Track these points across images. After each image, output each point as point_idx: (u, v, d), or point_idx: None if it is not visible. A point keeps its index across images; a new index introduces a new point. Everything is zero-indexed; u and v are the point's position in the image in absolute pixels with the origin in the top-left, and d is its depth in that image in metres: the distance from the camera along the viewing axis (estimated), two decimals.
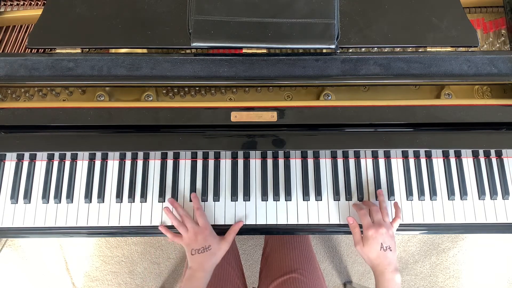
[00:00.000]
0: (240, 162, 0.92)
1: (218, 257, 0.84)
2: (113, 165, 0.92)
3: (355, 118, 0.84)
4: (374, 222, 0.81)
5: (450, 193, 0.90)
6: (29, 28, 0.98)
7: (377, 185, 0.91)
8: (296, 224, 0.89)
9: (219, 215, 0.89)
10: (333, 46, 0.80)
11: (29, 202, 0.90)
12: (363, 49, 0.90)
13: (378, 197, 0.89)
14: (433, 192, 0.90)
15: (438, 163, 0.93)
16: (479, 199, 0.91)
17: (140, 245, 1.70)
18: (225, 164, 0.92)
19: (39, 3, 0.99)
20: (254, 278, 1.67)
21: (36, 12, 0.97)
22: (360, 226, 0.84)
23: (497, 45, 0.98)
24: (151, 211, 0.90)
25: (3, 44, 0.97)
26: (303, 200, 0.90)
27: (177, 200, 0.90)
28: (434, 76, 0.84)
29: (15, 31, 0.98)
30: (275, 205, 0.90)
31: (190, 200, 0.90)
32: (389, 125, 0.85)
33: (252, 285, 1.58)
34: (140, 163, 0.92)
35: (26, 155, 0.91)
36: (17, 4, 0.99)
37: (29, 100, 0.93)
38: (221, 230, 0.89)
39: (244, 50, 0.84)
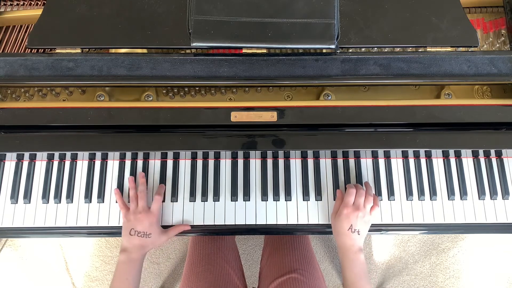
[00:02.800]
0: (240, 162, 0.92)
1: (153, 246, 0.84)
2: (113, 165, 0.92)
3: (355, 118, 0.84)
4: (354, 204, 0.82)
5: (450, 193, 0.90)
6: (29, 28, 0.98)
7: (377, 185, 0.91)
8: (296, 224, 0.89)
9: (219, 215, 0.89)
10: (333, 46, 0.80)
11: (29, 202, 0.90)
12: (363, 49, 0.90)
13: (365, 186, 0.88)
14: (433, 192, 0.90)
15: (438, 163, 0.93)
16: (479, 199, 0.91)
17: None
18: (225, 164, 0.92)
19: (39, 3, 0.99)
20: (254, 278, 1.67)
21: (36, 12, 0.97)
22: None
23: (497, 45, 0.98)
24: None
25: (3, 44, 0.97)
26: (303, 200, 0.90)
27: (176, 201, 0.90)
28: (434, 76, 0.84)
29: (15, 31, 0.98)
30: (275, 205, 0.90)
31: (190, 201, 0.89)
32: (389, 125, 0.85)
33: (252, 285, 1.58)
34: (140, 163, 0.92)
35: (26, 155, 0.91)
36: (17, 4, 0.99)
37: (29, 100, 0.93)
38: (221, 231, 0.89)
39: (244, 50, 0.84)
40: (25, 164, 0.91)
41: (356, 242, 0.79)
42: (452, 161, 0.93)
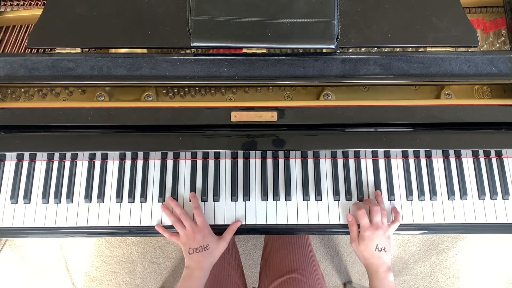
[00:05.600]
0: (240, 162, 0.92)
1: (216, 256, 0.84)
2: (113, 165, 0.92)
3: (355, 118, 0.84)
4: (372, 223, 0.81)
5: (450, 193, 0.90)
6: (29, 28, 0.98)
7: (377, 185, 0.91)
8: (296, 224, 0.89)
9: (219, 215, 0.89)
10: (333, 46, 0.80)
11: (29, 202, 0.90)
12: (363, 49, 0.90)
13: (376, 198, 0.89)
14: (433, 192, 0.90)
15: (438, 163, 0.93)
16: (479, 199, 0.91)
17: (140, 245, 1.70)
18: (225, 164, 0.92)
19: (39, 3, 0.99)
20: (254, 278, 1.67)
21: (36, 12, 0.97)
22: (358, 225, 0.84)
23: (497, 45, 0.98)
24: (151, 211, 0.90)
25: (3, 44, 0.97)
26: (303, 200, 0.90)
27: (177, 200, 0.90)
28: (434, 76, 0.84)
29: (15, 31, 0.98)
30: (275, 205, 0.90)
31: (190, 200, 0.89)
32: (389, 125, 0.85)
33: (252, 285, 1.58)
34: (140, 163, 0.92)
35: (26, 155, 0.91)
36: (17, 4, 0.99)
37: (29, 100, 0.93)
38: (221, 230, 0.89)
39: (244, 50, 0.84)
40: (25, 164, 0.91)
41: (385, 260, 0.79)
42: (452, 161, 0.93)
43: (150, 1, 0.85)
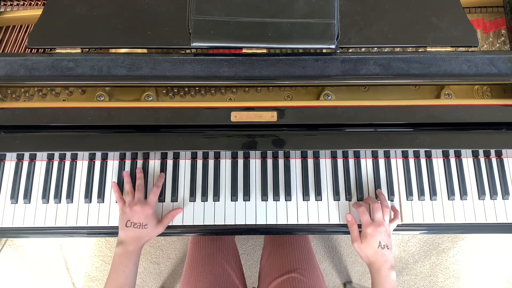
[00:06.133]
0: (240, 162, 0.92)
1: (149, 238, 0.83)
2: (113, 165, 0.92)
3: (355, 118, 0.84)
4: (374, 220, 0.81)
5: (450, 193, 0.90)
6: (29, 28, 0.98)
7: (377, 185, 0.91)
8: (296, 224, 0.89)
9: (219, 215, 0.89)
10: (333, 46, 0.80)
11: (29, 202, 0.90)
12: (363, 49, 0.90)
13: (378, 196, 0.89)
14: (433, 192, 0.90)
15: (438, 163, 0.93)
16: (479, 199, 0.91)
17: None
18: (225, 164, 0.92)
19: (39, 3, 0.99)
20: (254, 278, 1.67)
21: (36, 12, 0.97)
22: (359, 225, 0.84)
23: (497, 45, 0.98)
24: None
25: (3, 44, 0.97)
26: (303, 200, 0.90)
27: (176, 200, 0.90)
28: (434, 76, 0.84)
29: (15, 31, 0.98)
30: (275, 205, 0.90)
31: (190, 201, 0.90)
32: (389, 125, 0.85)
33: (252, 285, 1.58)
34: (140, 163, 0.92)
35: (26, 155, 0.91)
36: (17, 4, 0.99)
37: (29, 100, 0.93)
38: (221, 231, 0.89)
39: (244, 50, 0.84)
40: (25, 164, 0.91)
41: (388, 257, 0.78)
42: (452, 161, 0.93)
43: (150, 1, 0.85)
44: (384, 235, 0.80)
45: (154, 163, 0.92)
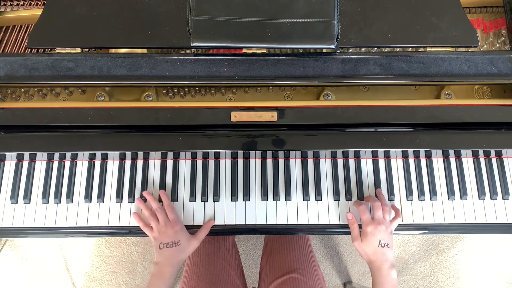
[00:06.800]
0: (240, 162, 0.92)
1: (186, 253, 0.84)
2: (113, 165, 0.92)
3: (355, 118, 0.84)
4: (374, 218, 0.81)
5: (450, 193, 0.90)
6: (29, 28, 0.98)
7: (377, 185, 0.91)
8: (296, 224, 0.89)
9: (219, 215, 0.89)
10: (333, 46, 0.80)
11: (29, 202, 0.90)
12: (363, 49, 0.90)
13: (378, 196, 0.89)
14: (433, 192, 0.90)
15: (438, 163, 0.93)
16: (479, 199, 0.91)
17: (140, 245, 1.70)
18: (225, 164, 0.92)
19: (39, 3, 0.99)
20: (254, 278, 1.67)
21: (36, 12, 0.97)
22: (359, 225, 0.84)
23: (497, 45, 0.98)
24: None
25: (3, 44, 0.97)
26: (303, 200, 0.90)
27: (177, 200, 0.90)
28: (434, 76, 0.84)
29: (15, 31, 0.98)
30: (275, 205, 0.90)
31: (190, 201, 0.90)
32: (389, 125, 0.85)
33: (252, 285, 1.58)
34: (140, 163, 0.92)
35: (26, 155, 0.91)
36: (17, 4, 0.99)
37: (29, 100, 0.93)
38: (221, 231, 0.89)
39: (244, 50, 0.84)
40: (25, 164, 0.91)
41: (388, 256, 0.78)
42: (452, 161, 0.93)
43: (150, 1, 0.85)
44: (384, 234, 0.79)
45: (154, 163, 0.92)
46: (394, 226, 0.84)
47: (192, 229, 0.89)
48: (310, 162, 0.92)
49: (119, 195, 0.90)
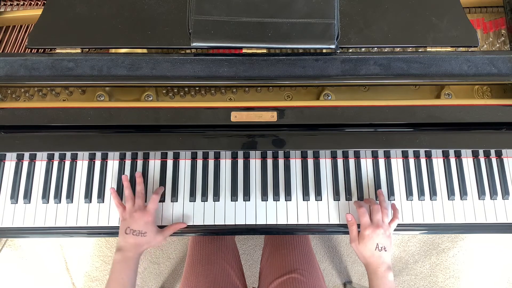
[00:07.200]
0: (240, 162, 0.92)
1: (148, 246, 0.83)
2: (113, 165, 0.92)
3: (355, 118, 0.84)
4: (372, 221, 0.81)
5: (450, 193, 0.90)
6: (29, 28, 0.98)
7: (377, 185, 0.91)
8: (296, 224, 0.89)
9: (219, 215, 0.89)
10: (333, 46, 0.80)
11: (29, 202, 0.90)
12: (363, 49, 0.90)
13: (378, 197, 0.89)
14: (433, 192, 0.90)
15: (438, 163, 0.93)
16: (479, 199, 0.91)
17: None
18: (225, 164, 0.92)
19: (39, 3, 0.99)
20: (254, 278, 1.67)
21: (36, 12, 0.97)
22: (359, 226, 0.84)
23: (497, 45, 0.98)
24: None
25: (3, 44, 0.97)
26: (303, 200, 0.90)
27: (177, 201, 0.90)
28: (434, 76, 0.84)
29: (15, 31, 0.98)
30: (275, 205, 0.90)
31: (190, 201, 0.90)
32: (389, 125, 0.85)
33: (252, 285, 1.58)
34: (140, 163, 0.92)
35: (26, 155, 0.91)
36: (17, 4, 0.99)
37: (29, 100, 0.93)
38: (221, 231, 0.89)
39: (244, 50, 0.84)
40: (25, 164, 0.92)
41: (385, 259, 0.79)
42: (452, 161, 0.93)
43: (150, 1, 0.85)
44: (382, 237, 0.80)
45: (154, 163, 0.92)
46: (392, 228, 0.84)
47: (193, 228, 0.89)
48: (310, 162, 0.92)
49: (119, 195, 0.90)
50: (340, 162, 0.93)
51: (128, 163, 0.92)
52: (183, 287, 0.97)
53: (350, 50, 0.90)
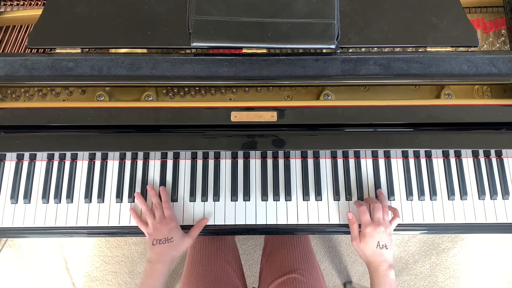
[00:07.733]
0: (240, 162, 0.92)
1: (179, 251, 0.84)
2: (113, 165, 0.92)
3: (355, 118, 0.84)
4: (373, 220, 0.81)
5: (450, 193, 0.90)
6: (29, 28, 0.98)
7: (377, 185, 0.91)
8: (296, 224, 0.89)
9: (219, 215, 0.89)
10: (333, 46, 0.80)
11: (29, 202, 0.90)
12: (363, 49, 0.90)
13: (378, 196, 0.89)
14: (433, 192, 0.90)
15: (438, 163, 0.93)
16: (479, 199, 0.91)
17: (140, 245, 1.70)
18: (225, 164, 0.92)
19: (39, 3, 0.99)
20: (254, 278, 1.67)
21: (36, 12, 0.97)
22: (360, 225, 0.84)
23: (497, 45, 0.98)
24: None
25: (3, 44, 0.97)
26: (303, 200, 0.90)
27: (177, 200, 0.90)
28: (434, 76, 0.84)
29: (15, 31, 0.98)
30: (275, 205, 0.90)
31: (190, 201, 0.90)
32: (389, 125, 0.85)
33: (252, 285, 1.58)
34: (140, 163, 0.92)
35: (26, 155, 0.91)
36: (17, 4, 0.99)
37: (29, 100, 0.93)
38: (221, 231, 0.89)
39: (244, 50, 0.84)
40: (25, 164, 0.91)
41: (386, 257, 0.79)
42: (452, 161, 0.93)
43: (150, 1, 0.85)
44: (383, 235, 0.80)
45: (154, 163, 0.92)
46: (393, 226, 0.84)
47: None
48: (310, 162, 0.92)
49: (119, 195, 0.90)
50: (340, 162, 0.93)
51: (128, 163, 0.92)
52: (183, 287, 0.97)
53: (350, 50, 0.90)
